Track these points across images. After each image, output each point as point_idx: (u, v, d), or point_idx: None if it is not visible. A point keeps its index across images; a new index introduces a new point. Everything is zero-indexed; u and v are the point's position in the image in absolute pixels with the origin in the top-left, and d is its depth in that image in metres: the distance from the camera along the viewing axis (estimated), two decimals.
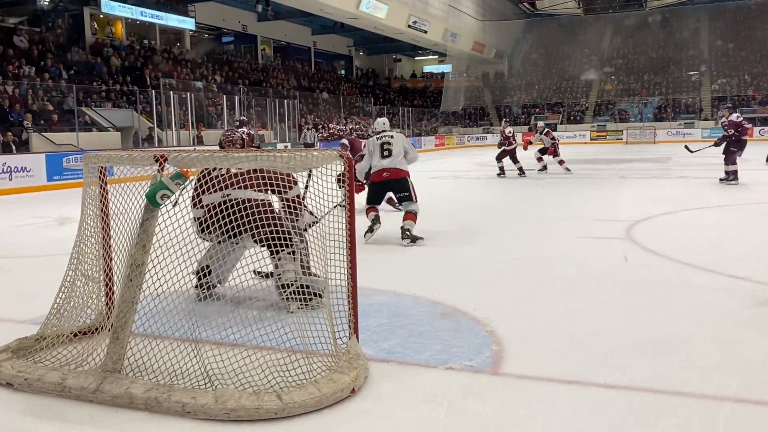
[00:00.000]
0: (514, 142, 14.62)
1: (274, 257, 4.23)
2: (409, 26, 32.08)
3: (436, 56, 45.85)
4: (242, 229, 3.56)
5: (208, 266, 4.19)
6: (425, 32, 33.57)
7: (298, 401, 2.70)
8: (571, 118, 41.05)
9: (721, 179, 11.91)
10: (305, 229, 4.31)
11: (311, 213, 4.20)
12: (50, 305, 3.47)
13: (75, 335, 3.43)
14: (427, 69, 50.06)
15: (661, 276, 5.14)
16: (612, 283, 4.91)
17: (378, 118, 7.36)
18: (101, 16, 24.72)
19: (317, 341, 3.15)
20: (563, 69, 43.85)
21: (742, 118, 12.04)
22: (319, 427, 2.62)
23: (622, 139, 36.01)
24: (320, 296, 3.86)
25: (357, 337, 3.27)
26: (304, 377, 2.91)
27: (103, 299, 3.55)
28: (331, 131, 27.29)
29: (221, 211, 3.49)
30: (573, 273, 5.26)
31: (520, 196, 11.44)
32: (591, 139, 36.90)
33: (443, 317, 4.05)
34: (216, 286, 4.20)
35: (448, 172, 17.69)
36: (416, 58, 49.72)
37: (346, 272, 3.24)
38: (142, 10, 25.06)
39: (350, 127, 29.98)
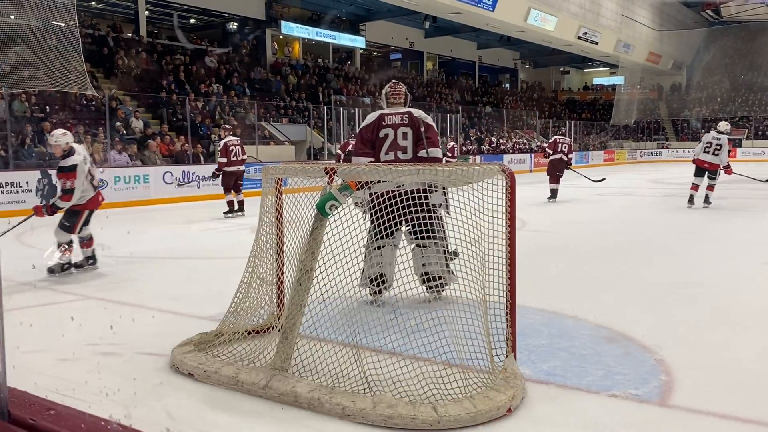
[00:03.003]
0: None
1: (420, 248, 4.46)
2: (579, 38, 31.05)
3: (607, 68, 43.95)
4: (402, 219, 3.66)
5: (382, 274, 4.45)
6: (596, 43, 32.31)
7: (453, 415, 2.70)
8: (759, 133, 37.40)
9: None
10: (439, 207, 4.37)
11: (443, 193, 4.23)
12: (228, 304, 3.77)
13: (249, 333, 3.69)
14: (597, 81, 48.10)
15: None
16: None
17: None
18: (281, 37, 26.53)
19: (474, 357, 3.13)
20: (751, 80, 40.04)
21: None
22: None
23: None
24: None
25: (515, 356, 3.21)
26: (459, 391, 2.91)
27: (275, 301, 3.79)
28: (492, 145, 27.11)
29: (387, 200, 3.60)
30: (758, 303, 4.78)
31: (701, 216, 10.60)
32: None
33: (608, 342, 3.85)
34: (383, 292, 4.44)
35: (618, 188, 16.83)
36: (585, 70, 47.97)
37: (504, 288, 3.20)
38: (318, 30, 26.57)
39: (514, 141, 29.61)
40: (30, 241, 8.20)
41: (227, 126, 12.30)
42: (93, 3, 22.41)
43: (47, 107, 15.18)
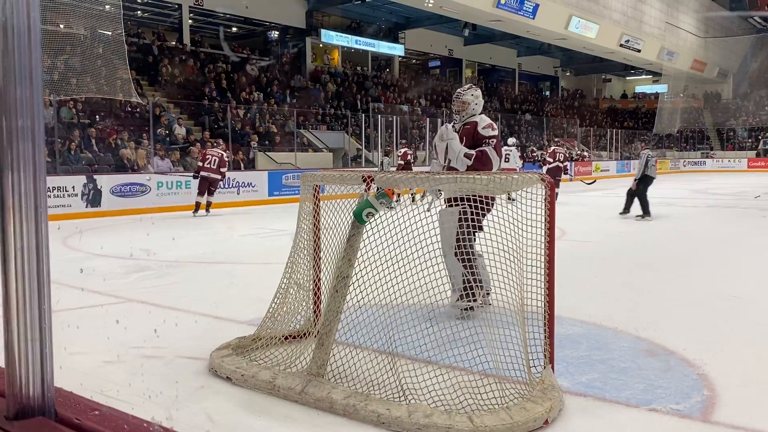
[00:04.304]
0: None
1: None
2: (621, 45, 30.61)
3: (650, 76, 43.20)
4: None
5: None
6: (638, 51, 31.80)
7: (489, 425, 2.67)
8: None
9: None
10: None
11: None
12: (266, 309, 3.81)
13: (286, 338, 3.72)
14: (640, 89, 47.31)
15: None
16: None
17: None
18: (320, 45, 26.80)
19: (510, 367, 3.11)
20: None
21: None
22: None
23: None
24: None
25: (552, 368, 3.17)
26: (495, 402, 2.88)
27: (312, 307, 3.82)
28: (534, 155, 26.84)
29: None
30: None
31: (744, 228, 10.34)
32: None
33: (648, 355, 3.78)
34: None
35: (660, 198, 16.49)
36: (627, 78, 47.23)
37: (542, 299, 3.17)
38: (357, 39, 26.77)
39: (553, 148, 29.25)
40: (76, 244, 8.42)
41: (219, 141, 14.32)
42: (138, 12, 22.97)
43: (94, 114, 15.61)
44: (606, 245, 8.53)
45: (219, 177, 12.92)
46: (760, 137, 37.79)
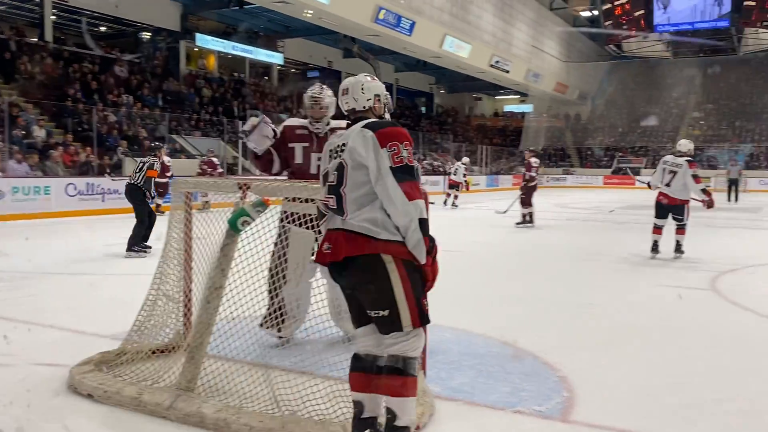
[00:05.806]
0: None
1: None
2: (492, 66, 32.14)
3: (518, 96, 45.68)
4: None
5: None
6: (507, 72, 33.54)
7: None
8: (656, 163, 39.74)
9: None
10: None
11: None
12: (132, 322, 3.62)
13: (153, 352, 3.56)
14: (508, 108, 49.87)
15: (744, 331, 4.87)
16: (693, 335, 4.70)
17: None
18: (195, 49, 26.01)
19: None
20: (649, 112, 42.64)
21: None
22: None
23: (710, 187, 34.43)
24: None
25: (424, 373, 3.25)
26: None
27: (182, 319, 3.67)
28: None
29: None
30: (653, 322, 5.06)
31: (602, 239, 11.14)
32: None
33: (514, 359, 3.97)
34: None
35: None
36: (497, 97, 49.65)
37: None
38: (234, 45, 26.22)
39: (424, 162, 30.13)
40: None
41: (162, 145, 13.89)
42: None
43: None
44: (475, 255, 8.87)
45: (162, 180, 12.95)
46: (614, 156, 40.95)
